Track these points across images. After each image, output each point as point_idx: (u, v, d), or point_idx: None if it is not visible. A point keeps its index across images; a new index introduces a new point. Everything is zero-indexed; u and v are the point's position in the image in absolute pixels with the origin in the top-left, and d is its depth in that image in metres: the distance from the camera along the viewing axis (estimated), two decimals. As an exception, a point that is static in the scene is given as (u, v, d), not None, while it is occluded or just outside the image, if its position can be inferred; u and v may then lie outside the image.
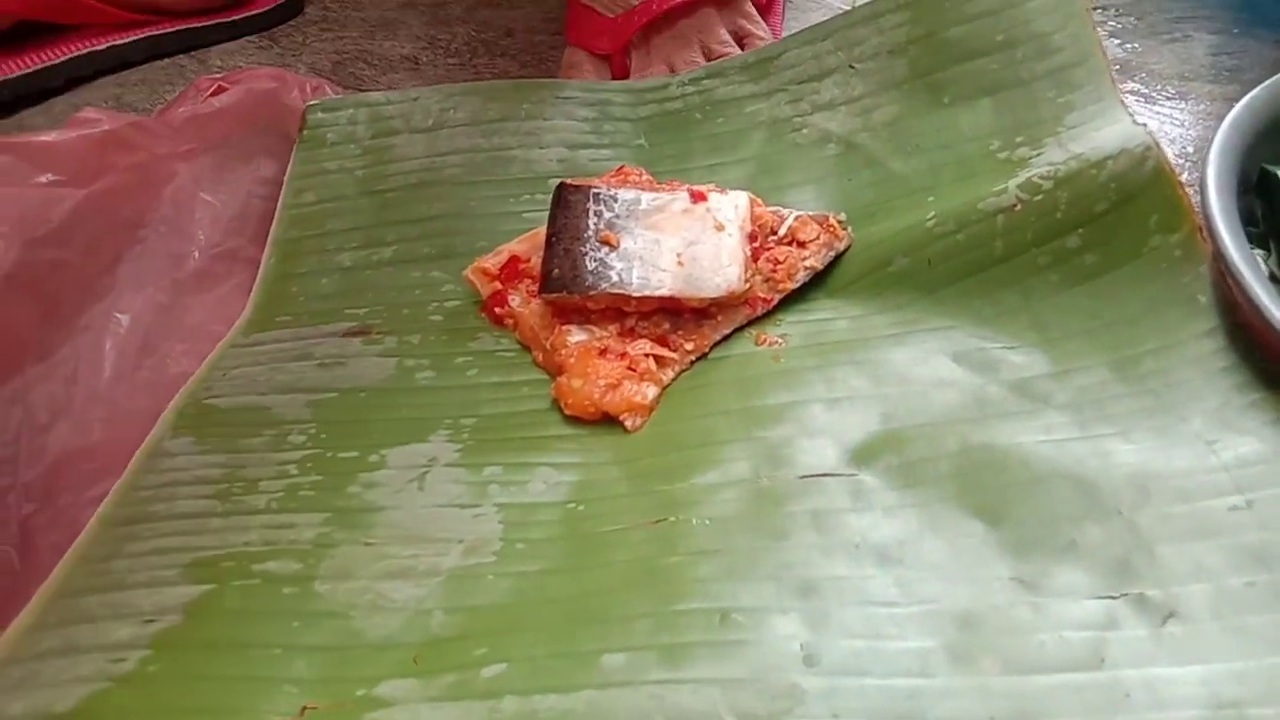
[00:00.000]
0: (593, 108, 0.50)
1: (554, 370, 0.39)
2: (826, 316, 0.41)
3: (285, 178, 0.49)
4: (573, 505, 0.34)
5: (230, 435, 0.38)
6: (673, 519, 0.33)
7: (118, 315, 0.42)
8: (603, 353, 0.38)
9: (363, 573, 0.32)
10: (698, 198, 0.41)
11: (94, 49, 0.63)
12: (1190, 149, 0.49)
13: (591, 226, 0.40)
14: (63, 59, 0.62)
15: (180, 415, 0.39)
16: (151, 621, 0.31)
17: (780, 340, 0.40)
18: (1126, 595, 0.29)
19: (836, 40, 0.48)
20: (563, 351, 0.39)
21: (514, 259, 0.42)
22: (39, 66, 0.61)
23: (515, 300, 0.42)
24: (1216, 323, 0.35)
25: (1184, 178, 0.37)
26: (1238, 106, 0.38)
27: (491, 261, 0.43)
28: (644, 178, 0.44)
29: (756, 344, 0.40)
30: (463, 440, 0.37)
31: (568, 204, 0.41)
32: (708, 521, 0.32)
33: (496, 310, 0.42)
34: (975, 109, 0.44)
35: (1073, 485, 0.32)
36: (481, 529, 0.34)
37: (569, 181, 0.42)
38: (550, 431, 0.38)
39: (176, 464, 0.37)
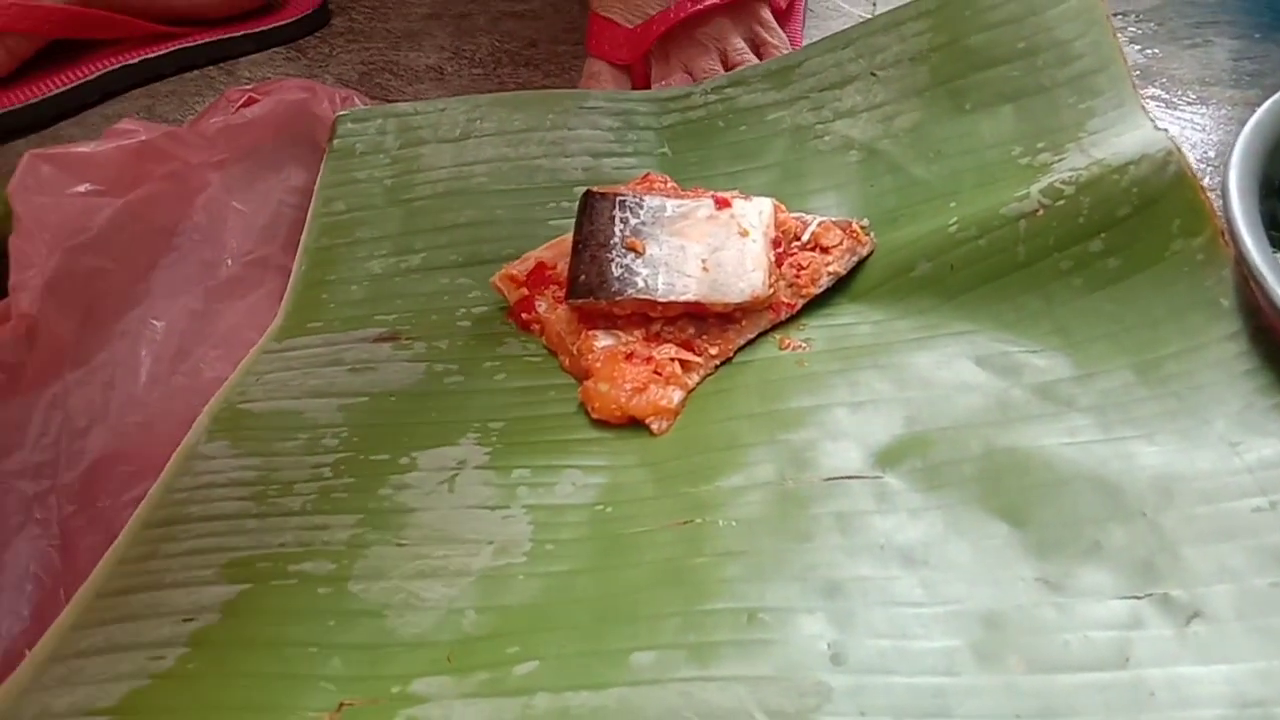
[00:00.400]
0: (617, 117, 0.51)
1: (580, 375, 0.40)
2: (850, 321, 0.41)
3: (315, 187, 0.49)
4: (600, 507, 0.35)
5: (264, 439, 0.39)
6: (699, 520, 0.33)
7: (153, 321, 0.43)
8: (629, 357, 0.39)
9: (395, 573, 0.33)
10: (722, 204, 0.42)
11: (127, 63, 0.65)
12: (1212, 154, 0.49)
13: (618, 233, 0.41)
14: (97, 74, 0.64)
15: (215, 419, 0.40)
16: (190, 620, 0.31)
17: (804, 344, 0.40)
18: (1151, 595, 0.29)
19: (858, 48, 0.49)
20: (589, 356, 0.39)
21: (540, 265, 0.43)
22: (76, 83, 0.63)
23: (542, 306, 0.42)
24: (1239, 326, 0.35)
25: (1205, 182, 0.37)
26: (1260, 111, 0.38)
27: (518, 268, 0.43)
28: (669, 185, 0.45)
29: (780, 348, 0.40)
30: (491, 443, 0.38)
31: (594, 211, 0.41)
32: (734, 523, 0.33)
33: (523, 316, 0.43)
34: (997, 115, 0.44)
35: (1096, 487, 0.32)
36: (511, 530, 0.34)
37: (595, 189, 0.42)
38: (577, 435, 0.38)
39: (212, 467, 0.38)
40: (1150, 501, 0.31)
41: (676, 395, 0.38)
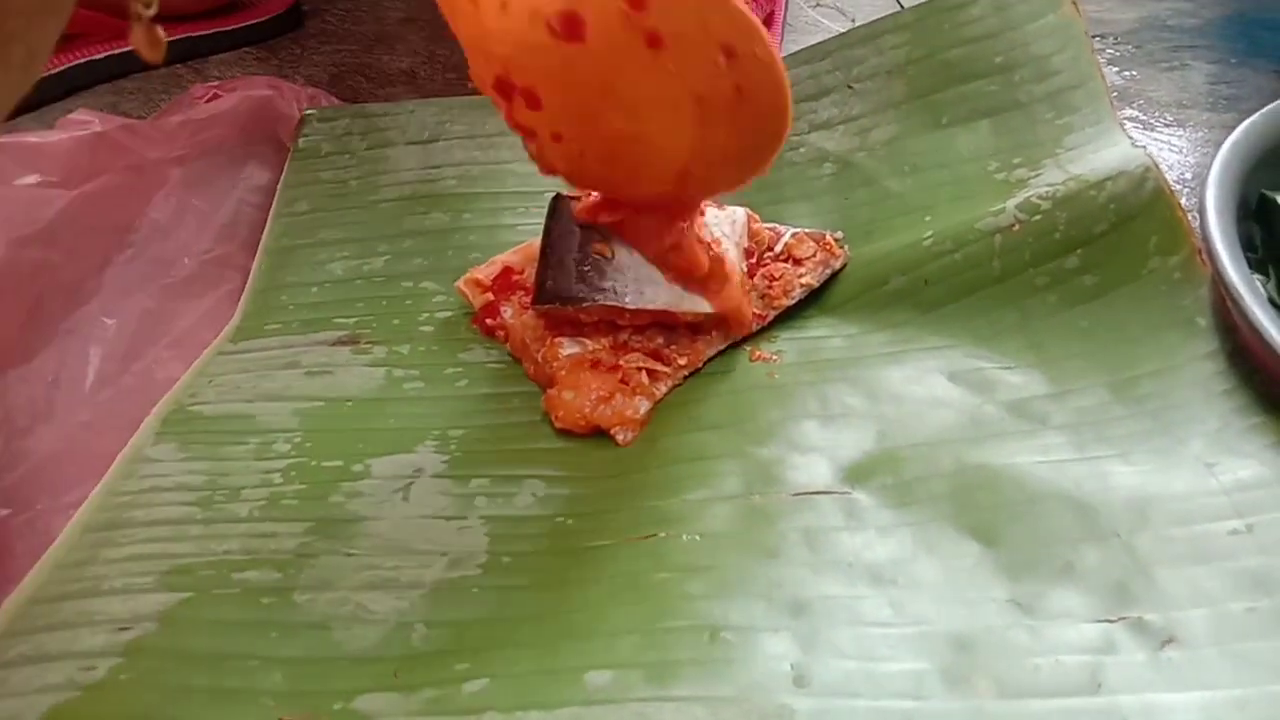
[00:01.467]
0: None
1: (545, 383, 0.39)
2: (822, 334, 0.40)
3: (278, 186, 0.48)
4: (561, 519, 0.34)
5: (214, 442, 0.37)
6: (662, 534, 0.32)
7: (104, 320, 0.41)
8: (594, 365, 0.38)
9: (343, 583, 0.31)
10: (694, 211, 0.41)
11: (92, 58, 0.62)
12: (1188, 175, 0.48)
13: (585, 239, 0.40)
14: (61, 68, 0.61)
15: (164, 421, 0.38)
16: (125, 629, 0.30)
17: (775, 357, 0.39)
18: (1124, 619, 0.28)
19: (835, 60, 0.48)
20: (554, 364, 0.38)
21: (507, 270, 0.42)
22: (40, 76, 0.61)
23: (507, 312, 0.41)
24: (1216, 345, 0.34)
25: (1183, 203, 0.37)
26: (1237, 131, 0.38)
27: (484, 272, 0.42)
28: None
29: (750, 360, 0.39)
30: (450, 451, 0.37)
31: (562, 215, 0.40)
32: (698, 538, 0.32)
33: (488, 322, 0.41)
34: (973, 130, 0.44)
35: (1070, 507, 0.31)
36: (467, 541, 0.33)
37: (564, 193, 0.41)
38: (540, 444, 0.37)
39: (158, 470, 0.36)
40: (1125, 522, 0.30)
41: (643, 405, 0.37)
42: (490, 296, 0.42)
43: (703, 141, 0.32)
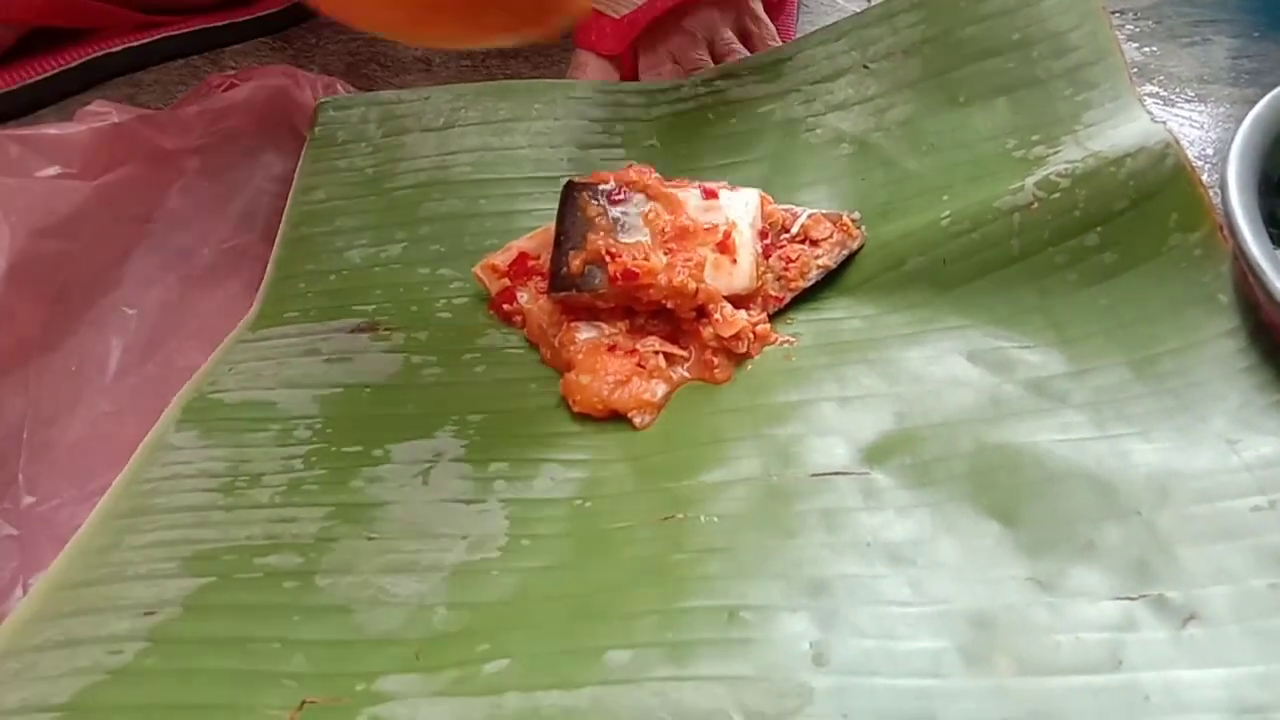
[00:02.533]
0: (605, 108, 0.50)
1: (562, 367, 0.39)
2: (839, 315, 0.40)
3: (295, 174, 0.48)
4: (580, 502, 0.34)
5: (235, 430, 0.38)
6: (681, 516, 0.32)
7: (125, 309, 0.41)
8: (611, 349, 0.38)
9: (364, 567, 0.32)
10: (708, 195, 0.41)
11: (109, 51, 0.63)
12: (1210, 151, 0.48)
13: (601, 224, 0.40)
14: (78, 61, 0.62)
15: (186, 409, 0.39)
16: (150, 614, 0.30)
17: (792, 339, 0.39)
18: (1145, 597, 0.28)
19: (850, 40, 0.48)
20: (571, 348, 0.38)
21: (523, 256, 0.42)
22: (56, 70, 0.61)
23: (523, 297, 0.41)
24: (1238, 322, 0.34)
25: (1204, 179, 0.36)
26: (1259, 105, 0.37)
27: (500, 258, 0.42)
28: (652, 176, 0.44)
29: (768, 342, 0.39)
30: (469, 436, 0.37)
31: (576, 202, 0.40)
32: (716, 519, 0.32)
33: (505, 307, 0.42)
34: (991, 108, 0.43)
35: (1090, 485, 0.31)
36: (486, 525, 0.33)
37: (577, 179, 0.41)
38: (558, 428, 0.37)
39: (181, 457, 0.37)
40: (1145, 500, 0.30)
41: (660, 389, 0.37)
42: (507, 282, 0.42)
43: None
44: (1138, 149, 0.37)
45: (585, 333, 0.39)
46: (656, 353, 0.38)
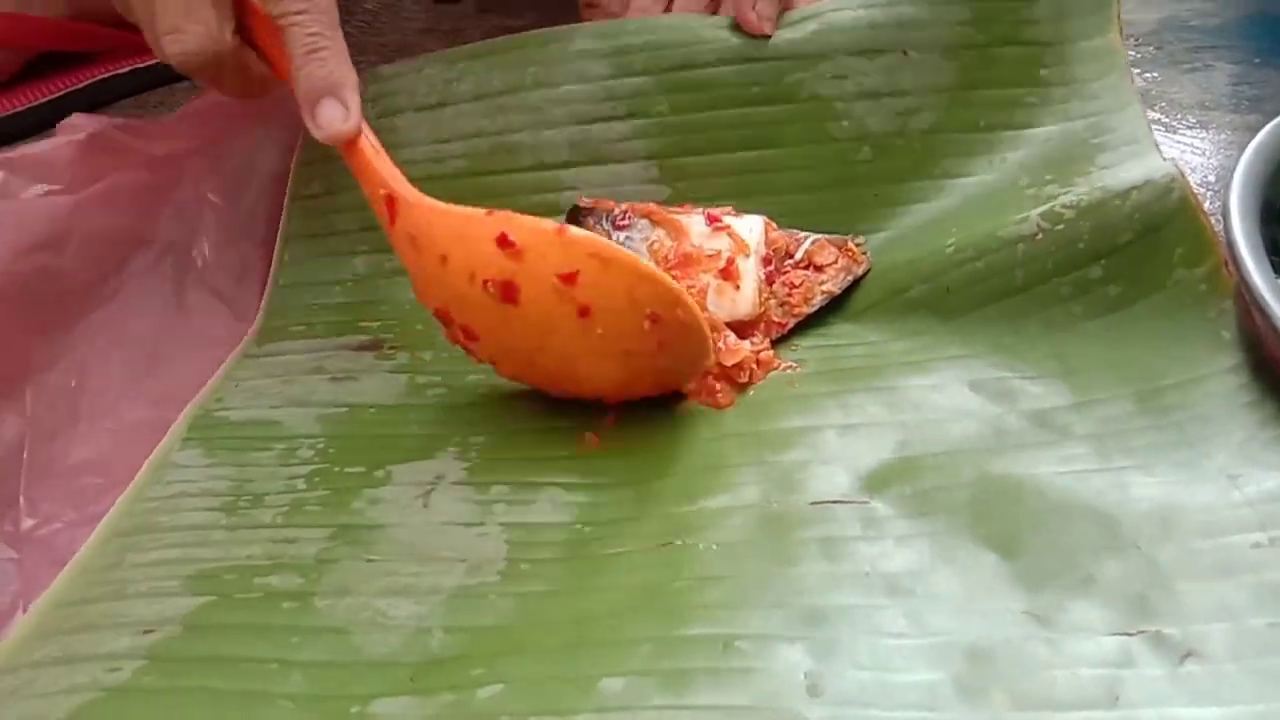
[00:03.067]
0: (608, 60, 0.46)
1: None
2: (843, 342, 0.40)
3: (292, 165, 0.48)
4: (579, 527, 0.34)
5: (239, 448, 0.38)
6: (679, 543, 0.32)
7: (123, 323, 0.41)
8: None
9: (363, 589, 0.32)
10: (712, 221, 0.41)
11: (117, 73, 0.63)
12: (1212, 178, 0.48)
13: None
14: (85, 84, 0.62)
15: (191, 426, 0.39)
16: (149, 632, 0.30)
17: (795, 365, 0.39)
18: (1144, 633, 0.28)
19: (893, 11, 0.45)
20: None
21: None
22: (63, 92, 0.61)
23: None
24: (1241, 358, 0.34)
25: (1206, 207, 0.36)
26: (1261, 134, 0.37)
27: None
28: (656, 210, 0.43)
29: (771, 369, 0.39)
30: (470, 459, 0.37)
31: (582, 225, 0.41)
32: (715, 546, 0.32)
33: None
34: (1009, 141, 0.43)
35: (1091, 518, 0.31)
36: (485, 548, 0.33)
37: (583, 202, 0.42)
38: (560, 452, 0.37)
39: (185, 476, 0.37)
40: (1146, 534, 0.30)
41: None
42: None
43: (630, 377, 0.36)
44: (1144, 182, 0.37)
45: None
46: None
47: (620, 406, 0.38)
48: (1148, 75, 0.56)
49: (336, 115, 0.37)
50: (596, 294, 0.33)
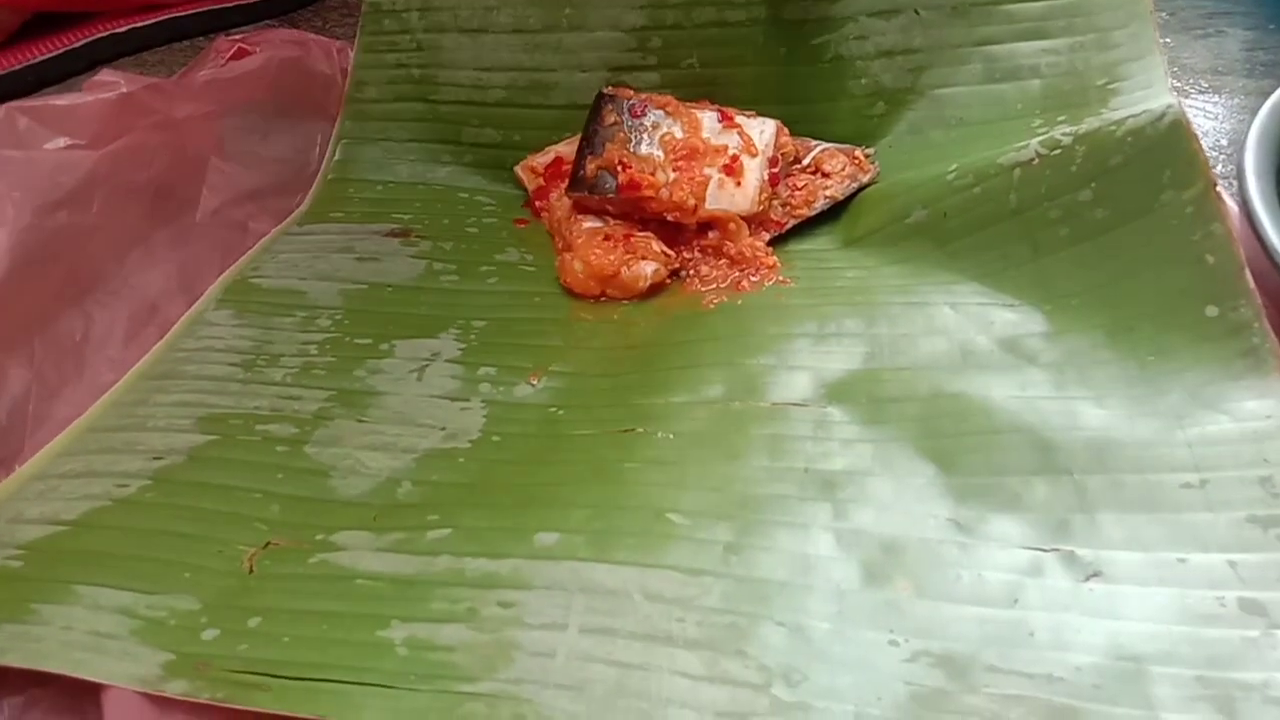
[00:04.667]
0: (642, 11, 0.48)
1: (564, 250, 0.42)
2: (838, 265, 0.41)
3: (350, 66, 0.51)
4: (553, 409, 0.36)
5: (266, 313, 0.42)
6: (640, 430, 0.34)
7: (131, 280, 0.42)
8: (607, 238, 0.41)
9: (349, 443, 0.35)
10: (726, 119, 0.42)
11: (115, 31, 0.63)
12: (1224, 142, 0.47)
13: (619, 135, 0.42)
14: (84, 41, 0.62)
15: (228, 290, 0.43)
16: (158, 459, 0.34)
17: (789, 281, 0.41)
18: (1057, 550, 0.29)
19: None
20: (573, 233, 0.42)
21: (559, 160, 0.46)
22: (62, 50, 0.61)
23: (555, 197, 0.45)
24: (1220, 288, 0.33)
25: (1218, 170, 0.36)
26: (1275, 95, 0.37)
27: (539, 160, 0.47)
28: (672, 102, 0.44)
29: (770, 271, 0.41)
30: (468, 340, 0.40)
31: (603, 112, 0.43)
32: (671, 436, 0.34)
33: (537, 204, 0.46)
34: (1024, 89, 0.43)
35: (1031, 443, 0.32)
36: (465, 420, 0.36)
37: (607, 90, 0.44)
38: (551, 341, 0.40)
39: (213, 333, 0.41)
40: (1080, 462, 0.31)
41: (649, 267, 0.40)
42: (542, 182, 0.46)
43: None
44: (1140, 109, 0.36)
45: (589, 222, 0.42)
46: (651, 242, 0.41)
47: (609, 307, 0.40)
48: (1161, 40, 0.55)
49: None
50: None
